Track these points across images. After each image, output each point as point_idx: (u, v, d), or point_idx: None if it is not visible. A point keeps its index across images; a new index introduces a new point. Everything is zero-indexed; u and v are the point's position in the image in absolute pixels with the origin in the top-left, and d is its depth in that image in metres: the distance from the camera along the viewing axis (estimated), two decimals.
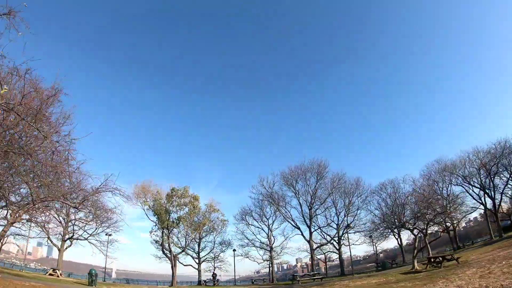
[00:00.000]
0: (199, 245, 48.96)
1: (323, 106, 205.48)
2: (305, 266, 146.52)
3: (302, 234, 46.99)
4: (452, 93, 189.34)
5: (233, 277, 49.86)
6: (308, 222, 46.81)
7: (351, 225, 47.12)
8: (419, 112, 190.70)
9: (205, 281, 42.64)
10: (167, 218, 36.92)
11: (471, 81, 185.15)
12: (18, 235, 31.48)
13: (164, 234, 37.68)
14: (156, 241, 38.29)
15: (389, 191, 44.22)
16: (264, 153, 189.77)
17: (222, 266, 50.46)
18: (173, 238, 43.32)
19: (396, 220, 32.50)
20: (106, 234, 38.74)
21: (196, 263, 47.61)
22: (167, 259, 39.20)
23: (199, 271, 47.08)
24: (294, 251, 50.13)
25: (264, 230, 49.91)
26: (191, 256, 47.79)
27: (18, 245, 43.10)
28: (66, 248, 37.30)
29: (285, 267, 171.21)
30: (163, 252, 38.67)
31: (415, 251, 27.81)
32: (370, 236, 47.32)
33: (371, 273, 37.55)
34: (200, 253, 48.51)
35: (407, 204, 32.80)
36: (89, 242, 37.90)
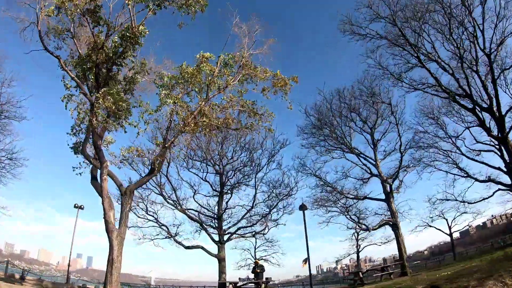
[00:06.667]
0: (221, 184, 21.79)
1: None
2: (345, 268, 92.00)
3: (483, 123, 15.33)
4: None
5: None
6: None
7: None
8: None
9: (235, 284, 15.35)
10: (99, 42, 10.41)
11: None
12: None
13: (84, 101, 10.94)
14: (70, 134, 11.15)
15: None
16: None
17: (273, 255, 22.70)
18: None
19: None
20: None
21: (215, 242, 20.53)
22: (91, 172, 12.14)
23: (220, 260, 19.74)
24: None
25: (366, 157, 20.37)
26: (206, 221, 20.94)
27: None
28: None
29: (324, 270, 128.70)
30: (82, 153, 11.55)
31: None
32: None
33: None
34: (223, 218, 21.37)
35: None
36: None
